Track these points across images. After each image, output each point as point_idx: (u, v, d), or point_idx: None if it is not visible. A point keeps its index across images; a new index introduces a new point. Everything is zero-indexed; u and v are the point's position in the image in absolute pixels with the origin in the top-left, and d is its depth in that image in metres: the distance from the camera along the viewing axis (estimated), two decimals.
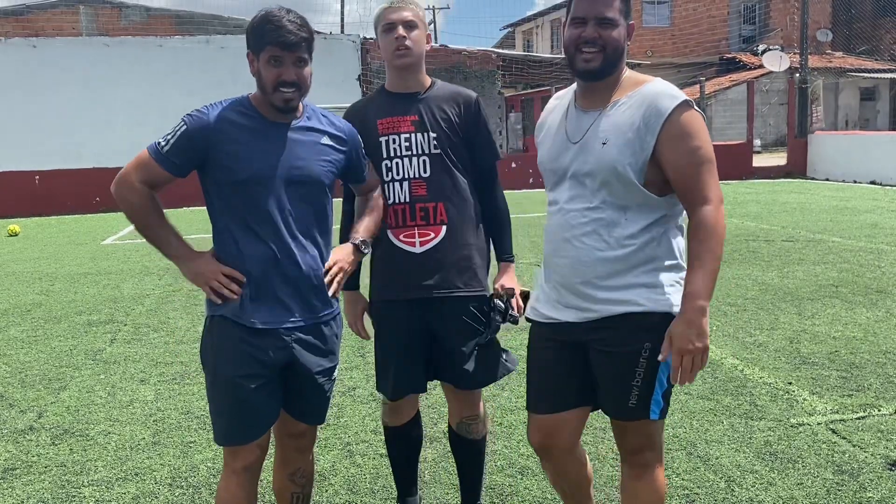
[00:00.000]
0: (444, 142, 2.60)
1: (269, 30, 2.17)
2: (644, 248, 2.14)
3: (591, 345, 2.22)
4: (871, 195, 14.89)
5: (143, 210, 2.24)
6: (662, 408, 2.20)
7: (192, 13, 26.74)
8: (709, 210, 2.04)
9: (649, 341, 2.13)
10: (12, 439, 3.95)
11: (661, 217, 2.15)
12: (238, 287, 2.25)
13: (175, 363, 5.17)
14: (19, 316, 6.77)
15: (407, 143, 2.59)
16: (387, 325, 2.70)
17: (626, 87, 2.15)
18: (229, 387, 2.27)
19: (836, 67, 30.37)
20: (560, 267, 2.23)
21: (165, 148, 2.22)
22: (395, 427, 2.86)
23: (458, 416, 2.79)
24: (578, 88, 2.24)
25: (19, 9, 26.19)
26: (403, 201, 2.59)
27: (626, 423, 2.25)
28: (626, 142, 2.07)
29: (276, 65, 2.19)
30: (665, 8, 33.62)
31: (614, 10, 2.07)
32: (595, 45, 2.07)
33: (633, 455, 2.28)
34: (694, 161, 2.05)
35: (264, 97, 2.25)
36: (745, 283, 7.06)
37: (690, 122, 2.05)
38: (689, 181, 2.06)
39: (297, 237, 2.28)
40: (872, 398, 4.11)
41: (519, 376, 4.61)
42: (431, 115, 2.61)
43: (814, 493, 3.10)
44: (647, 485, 2.27)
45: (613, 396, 2.22)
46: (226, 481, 2.36)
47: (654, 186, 2.10)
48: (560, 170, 2.21)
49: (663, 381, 2.18)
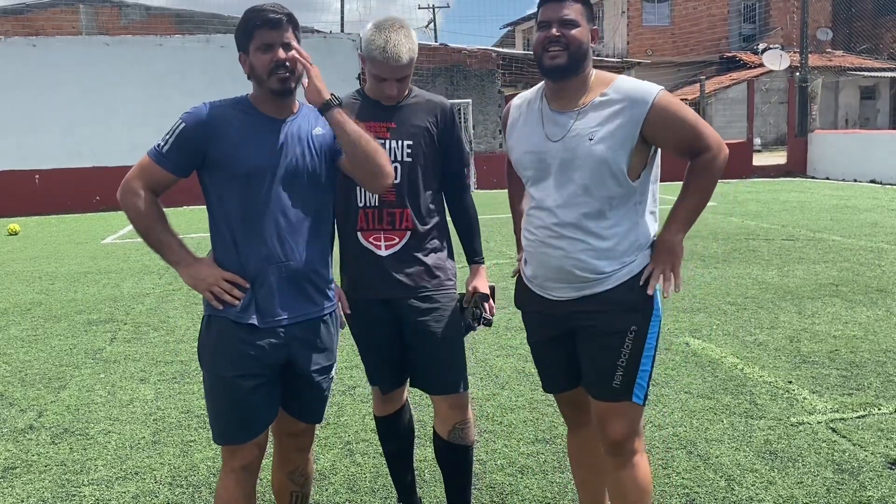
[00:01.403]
0: (418, 150, 2.65)
1: (252, 18, 2.21)
2: (628, 234, 2.30)
3: (579, 327, 2.35)
4: (871, 194, 14.89)
5: (147, 216, 2.24)
6: (645, 392, 2.33)
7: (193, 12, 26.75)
8: (707, 156, 2.28)
9: (635, 324, 2.28)
10: (12, 438, 3.95)
11: (637, 202, 2.31)
12: (240, 292, 2.25)
13: (175, 362, 5.17)
14: (19, 315, 6.77)
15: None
16: (357, 322, 2.77)
17: (597, 87, 2.30)
18: (227, 386, 2.27)
19: (837, 66, 30.35)
20: (549, 259, 2.33)
21: (165, 148, 2.23)
22: (384, 417, 2.92)
23: (449, 424, 2.76)
24: (549, 90, 2.37)
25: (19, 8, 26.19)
26: (373, 205, 2.64)
27: (609, 408, 2.31)
28: (611, 136, 2.22)
29: (266, 51, 2.21)
30: (665, 7, 33.58)
31: (576, 12, 2.25)
32: (559, 44, 2.23)
33: (616, 446, 2.33)
34: (686, 128, 2.26)
35: (261, 88, 2.26)
36: (745, 281, 7.06)
37: (670, 102, 2.24)
38: (690, 144, 2.28)
39: (296, 231, 2.28)
40: (872, 397, 4.11)
41: (519, 375, 4.61)
42: (408, 123, 2.65)
43: (814, 492, 3.10)
44: (632, 472, 2.32)
45: (598, 377, 2.33)
46: (224, 480, 2.36)
47: (633, 174, 2.27)
48: (543, 167, 2.33)
49: (647, 366, 2.32)
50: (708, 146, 2.28)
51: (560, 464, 3.43)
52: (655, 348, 2.36)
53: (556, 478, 3.31)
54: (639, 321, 2.29)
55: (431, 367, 2.72)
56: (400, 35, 2.53)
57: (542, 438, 3.72)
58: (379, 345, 2.77)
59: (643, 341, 2.30)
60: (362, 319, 2.74)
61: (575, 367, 2.42)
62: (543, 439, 3.71)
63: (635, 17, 32.76)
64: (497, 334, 5.52)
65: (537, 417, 3.98)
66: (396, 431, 2.95)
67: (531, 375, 4.55)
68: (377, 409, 2.94)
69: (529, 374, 4.56)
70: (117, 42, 21.30)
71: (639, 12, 32.86)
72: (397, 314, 2.70)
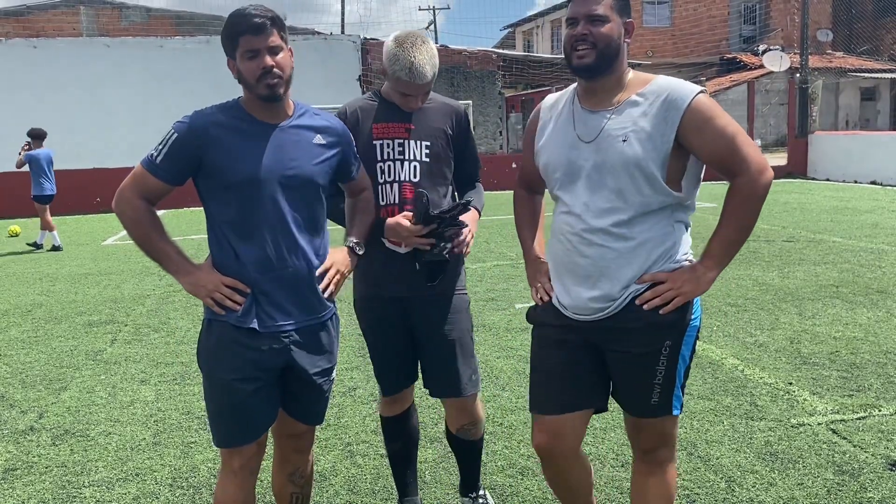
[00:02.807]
0: (435, 151, 2.70)
1: (235, 23, 2.19)
2: (662, 242, 2.16)
3: (608, 347, 2.22)
4: (871, 195, 14.89)
5: (142, 226, 2.24)
6: (682, 401, 2.25)
7: (193, 13, 26.75)
8: (743, 180, 2.09)
9: (669, 339, 2.17)
10: (13, 440, 3.95)
11: (675, 212, 2.17)
12: (241, 297, 2.24)
13: (175, 363, 5.17)
14: (20, 316, 6.77)
15: (400, 147, 2.68)
16: (371, 320, 2.79)
17: (633, 86, 2.17)
18: (227, 390, 2.27)
19: (837, 67, 30.37)
20: (579, 266, 2.21)
21: (158, 158, 2.21)
22: (391, 417, 2.93)
23: (458, 424, 2.88)
24: (581, 90, 2.24)
25: (20, 9, 26.21)
26: (393, 202, 2.67)
27: (644, 421, 2.25)
28: (647, 137, 2.09)
29: (251, 57, 2.18)
30: (665, 8, 33.62)
31: (605, 7, 2.10)
32: (586, 42, 2.10)
33: (648, 453, 2.29)
34: (725, 139, 2.09)
35: (251, 94, 2.24)
36: (745, 283, 7.06)
37: (708, 106, 2.09)
38: (725, 158, 2.10)
39: (294, 238, 2.27)
40: (873, 398, 4.11)
41: (519, 376, 4.61)
42: (426, 124, 2.70)
43: (814, 494, 3.10)
44: (659, 481, 2.28)
45: (636, 396, 2.24)
46: (224, 481, 2.36)
47: (672, 181, 2.13)
48: (573, 170, 2.20)
49: (681, 375, 2.22)
50: (746, 167, 2.08)
51: None
52: (691, 356, 2.25)
53: None
54: (673, 336, 2.16)
55: (440, 369, 2.75)
56: (423, 53, 2.57)
57: None
58: (390, 343, 2.78)
59: (677, 355, 2.19)
60: (377, 317, 2.76)
61: (585, 384, 2.26)
62: None
63: (635, 18, 32.41)
64: (497, 335, 5.52)
65: None
66: (402, 432, 2.96)
67: None
68: (384, 409, 2.94)
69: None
70: (118, 43, 21.34)
71: (639, 13, 32.89)
72: (411, 313, 2.72)
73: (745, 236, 2.14)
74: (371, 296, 2.75)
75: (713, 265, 2.14)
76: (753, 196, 2.09)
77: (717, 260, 2.14)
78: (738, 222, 2.12)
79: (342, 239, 2.53)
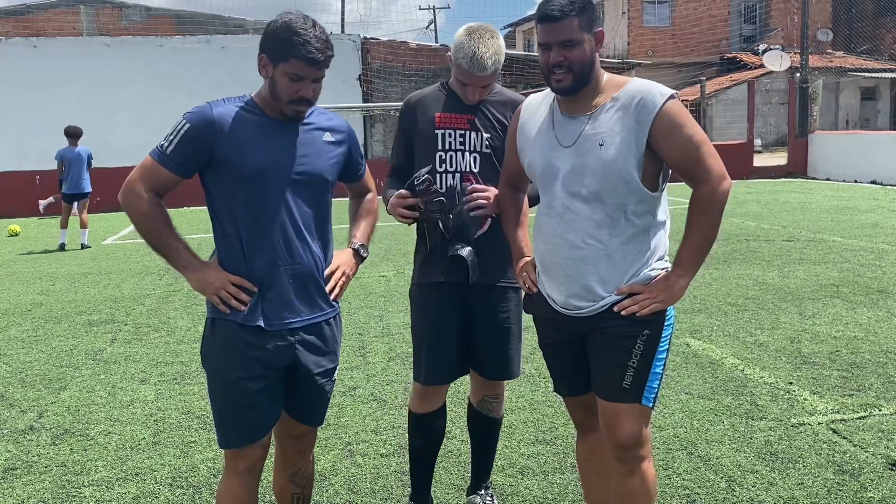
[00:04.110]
0: (496, 143, 2.74)
1: (296, 43, 2.12)
2: (642, 242, 2.26)
3: (591, 330, 2.32)
4: (871, 195, 14.89)
5: (151, 219, 2.21)
6: (655, 395, 2.30)
7: (193, 13, 26.71)
8: (704, 190, 2.20)
9: (648, 329, 2.25)
10: (13, 439, 3.95)
11: (653, 212, 2.27)
12: (247, 297, 2.23)
13: (175, 363, 5.17)
14: (20, 316, 6.77)
15: (461, 138, 2.73)
16: (425, 307, 2.81)
17: (609, 90, 2.26)
18: (232, 390, 2.26)
19: (837, 67, 30.36)
20: (562, 267, 2.30)
21: (169, 149, 2.18)
22: (421, 414, 2.91)
23: (479, 395, 2.94)
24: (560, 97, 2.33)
25: (20, 9, 26.17)
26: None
27: (617, 409, 2.28)
28: (622, 140, 2.17)
29: (295, 80, 2.15)
30: (665, 8, 33.58)
31: (573, 30, 2.16)
32: (562, 67, 2.18)
33: (624, 451, 2.31)
34: (690, 148, 2.18)
35: (274, 103, 2.22)
36: (745, 282, 7.06)
37: (677, 112, 2.18)
38: (689, 166, 2.20)
39: (302, 234, 2.27)
40: (873, 398, 4.11)
41: (520, 377, 4.60)
42: (488, 117, 2.75)
43: (814, 493, 3.10)
44: (639, 478, 2.31)
45: (609, 378, 2.30)
46: (227, 482, 2.36)
47: (648, 182, 2.21)
48: (553, 173, 2.29)
49: (658, 369, 2.29)
50: (707, 176, 2.19)
51: (560, 465, 3.43)
52: (667, 353, 2.33)
53: (557, 479, 3.30)
54: (651, 327, 2.25)
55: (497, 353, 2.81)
56: (488, 46, 2.61)
57: (542, 439, 3.72)
58: (444, 330, 2.78)
59: (655, 344, 2.26)
60: (433, 303, 2.78)
61: (586, 370, 2.40)
62: (544, 440, 3.71)
63: (636, 18, 32.77)
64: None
65: (538, 418, 3.98)
66: (430, 431, 2.95)
67: (531, 376, 4.55)
68: (417, 405, 2.91)
69: (529, 375, 4.56)
70: (118, 43, 21.35)
71: (639, 13, 32.86)
72: (466, 300, 2.75)
73: (710, 243, 2.26)
74: (430, 283, 2.77)
75: (684, 272, 2.25)
76: (714, 205, 2.20)
77: (687, 268, 2.25)
78: (703, 231, 2.24)
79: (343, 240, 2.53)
